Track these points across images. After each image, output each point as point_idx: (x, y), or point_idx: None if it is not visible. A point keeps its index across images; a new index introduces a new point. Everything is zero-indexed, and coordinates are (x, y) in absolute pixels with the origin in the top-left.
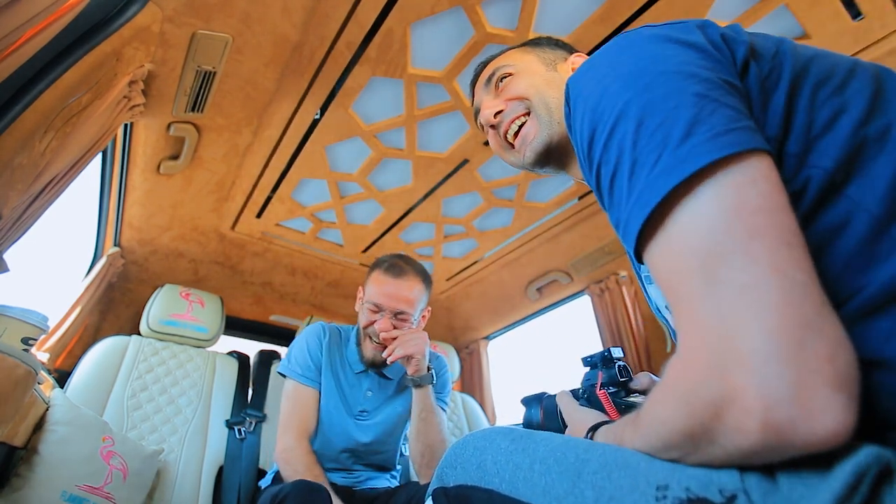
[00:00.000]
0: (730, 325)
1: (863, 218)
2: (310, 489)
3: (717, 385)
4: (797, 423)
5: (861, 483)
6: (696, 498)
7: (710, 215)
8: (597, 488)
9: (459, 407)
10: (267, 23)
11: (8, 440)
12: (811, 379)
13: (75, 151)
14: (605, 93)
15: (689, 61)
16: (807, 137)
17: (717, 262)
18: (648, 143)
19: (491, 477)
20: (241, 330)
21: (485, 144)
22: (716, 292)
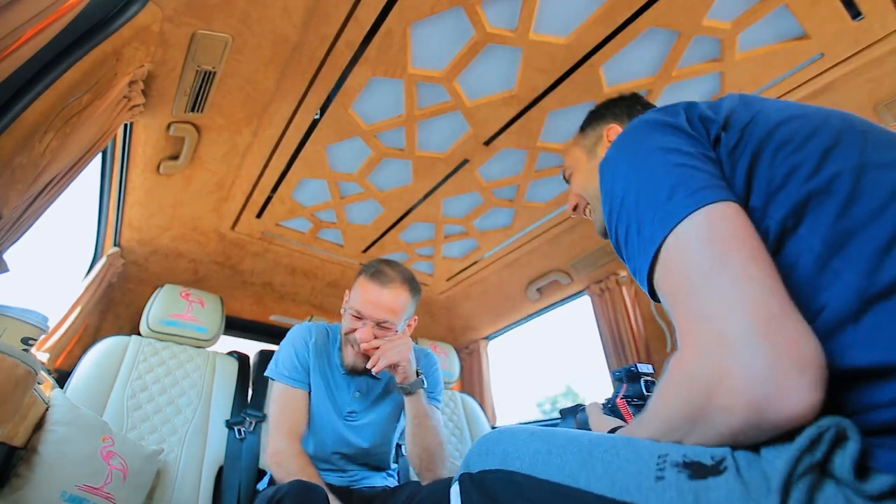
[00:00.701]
0: (716, 320)
1: (809, 255)
2: (307, 489)
3: (709, 367)
4: (772, 399)
5: (821, 441)
6: (690, 462)
7: (693, 247)
8: (605, 462)
9: (459, 407)
10: (267, 23)
11: (8, 440)
12: (781, 360)
13: (75, 151)
14: (615, 176)
15: (672, 141)
16: (766, 192)
17: (702, 277)
18: (645, 207)
19: (513, 461)
20: (241, 330)
21: (485, 144)
22: (703, 298)
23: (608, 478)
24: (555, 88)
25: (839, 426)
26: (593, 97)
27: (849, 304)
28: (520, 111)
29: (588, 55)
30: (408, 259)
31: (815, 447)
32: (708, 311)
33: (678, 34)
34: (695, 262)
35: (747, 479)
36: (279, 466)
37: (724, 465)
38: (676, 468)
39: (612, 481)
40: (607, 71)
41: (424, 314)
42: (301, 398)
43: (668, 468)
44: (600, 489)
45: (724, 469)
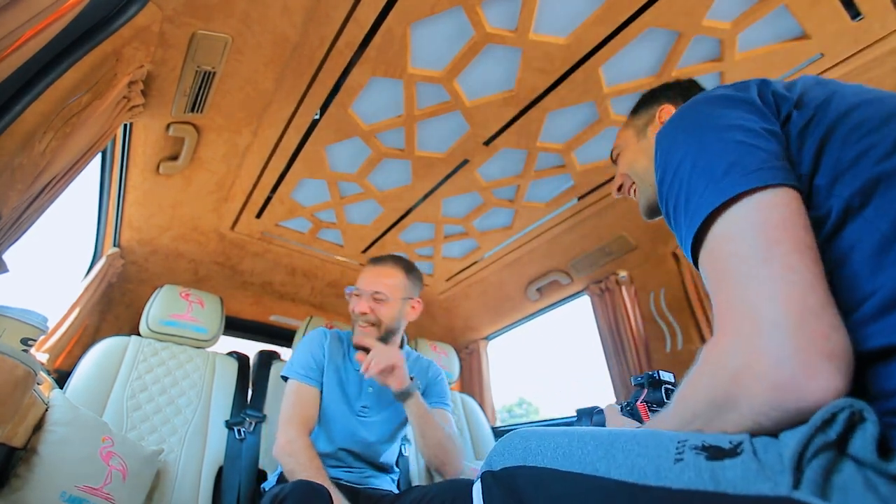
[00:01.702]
0: (752, 308)
1: (873, 236)
2: (311, 489)
3: (739, 353)
4: (796, 381)
5: (834, 421)
6: (709, 445)
7: (740, 231)
8: (626, 451)
9: (459, 407)
10: (267, 23)
11: (7, 441)
12: (809, 348)
13: (75, 152)
14: (672, 145)
15: (737, 116)
16: (834, 171)
17: (745, 264)
18: (699, 180)
19: (534, 456)
20: (240, 330)
21: (485, 144)
22: (743, 285)
23: (628, 464)
24: (554, 88)
25: (853, 407)
26: (593, 97)
27: None
28: (519, 111)
29: (588, 55)
30: None
31: (827, 427)
32: (746, 298)
33: (678, 34)
34: (739, 248)
35: (763, 460)
36: (290, 456)
37: (741, 447)
38: (695, 451)
39: (632, 467)
40: (607, 71)
41: (424, 314)
42: (313, 395)
43: (686, 451)
44: (620, 475)
45: (741, 451)
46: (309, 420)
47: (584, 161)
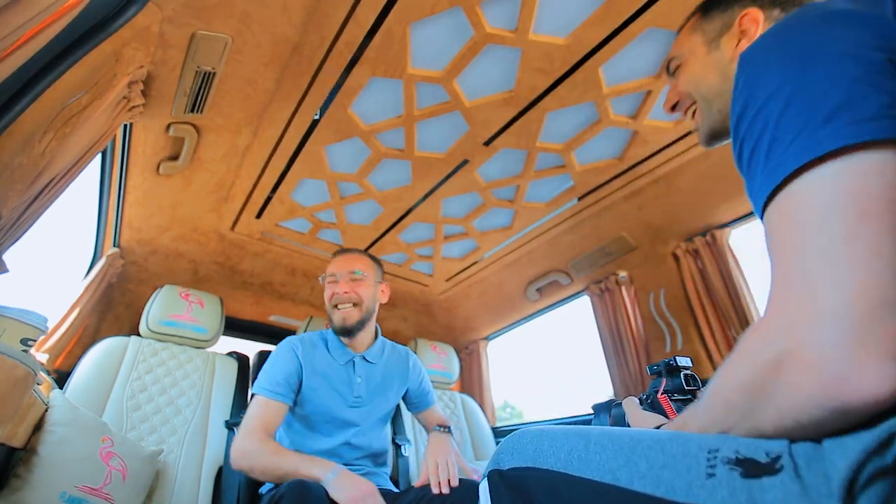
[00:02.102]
0: (814, 290)
1: None
2: (305, 487)
3: (784, 339)
4: (846, 377)
5: (892, 443)
6: (744, 458)
7: (828, 193)
8: (650, 459)
9: (459, 407)
10: (267, 23)
11: (7, 441)
12: (871, 345)
13: (75, 152)
14: (765, 70)
15: (857, 42)
16: None
17: (821, 237)
18: (791, 122)
19: (546, 458)
20: (240, 330)
21: (484, 145)
22: (811, 261)
23: (653, 475)
24: (554, 89)
25: None
26: (593, 97)
27: None
28: (519, 111)
29: (588, 55)
30: (407, 259)
31: (884, 450)
32: (810, 278)
33: (678, 34)
34: (820, 216)
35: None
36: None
37: (780, 462)
38: (728, 465)
39: (657, 479)
40: (607, 71)
41: (424, 314)
42: (277, 409)
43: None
44: (644, 487)
45: (780, 468)
46: (266, 426)
47: (583, 161)
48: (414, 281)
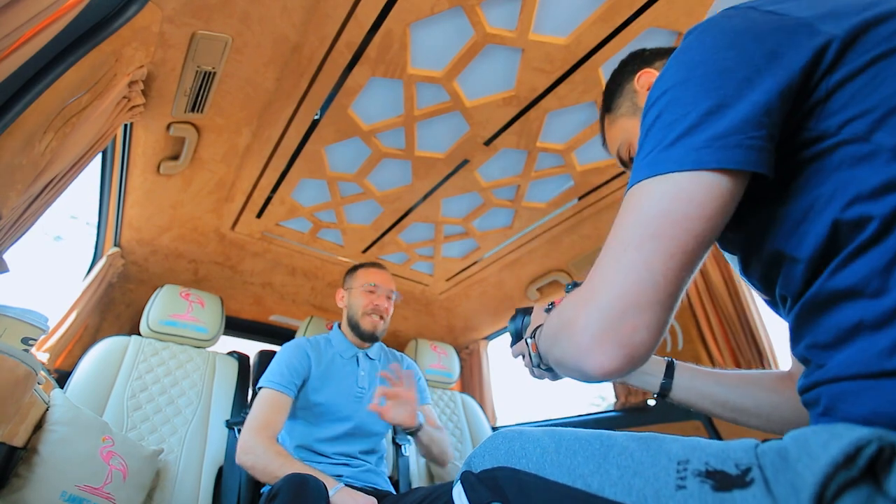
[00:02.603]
0: (601, 281)
1: None
2: (301, 480)
3: (576, 309)
4: (588, 351)
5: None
6: (714, 470)
7: (644, 207)
8: (621, 467)
9: (459, 407)
10: (267, 23)
11: (8, 440)
12: (611, 333)
13: (75, 152)
14: (664, 74)
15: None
16: None
17: (624, 239)
18: (655, 135)
19: (518, 459)
20: (241, 330)
21: (485, 145)
22: (609, 256)
23: (624, 483)
24: (555, 89)
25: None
26: (593, 97)
27: None
28: (520, 111)
29: (588, 55)
30: (408, 259)
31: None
32: (604, 271)
33: (678, 34)
34: (631, 223)
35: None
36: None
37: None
38: (699, 478)
39: (628, 487)
40: (607, 71)
41: (424, 314)
42: (281, 402)
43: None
44: (615, 495)
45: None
46: (272, 425)
47: (584, 161)
48: (414, 281)
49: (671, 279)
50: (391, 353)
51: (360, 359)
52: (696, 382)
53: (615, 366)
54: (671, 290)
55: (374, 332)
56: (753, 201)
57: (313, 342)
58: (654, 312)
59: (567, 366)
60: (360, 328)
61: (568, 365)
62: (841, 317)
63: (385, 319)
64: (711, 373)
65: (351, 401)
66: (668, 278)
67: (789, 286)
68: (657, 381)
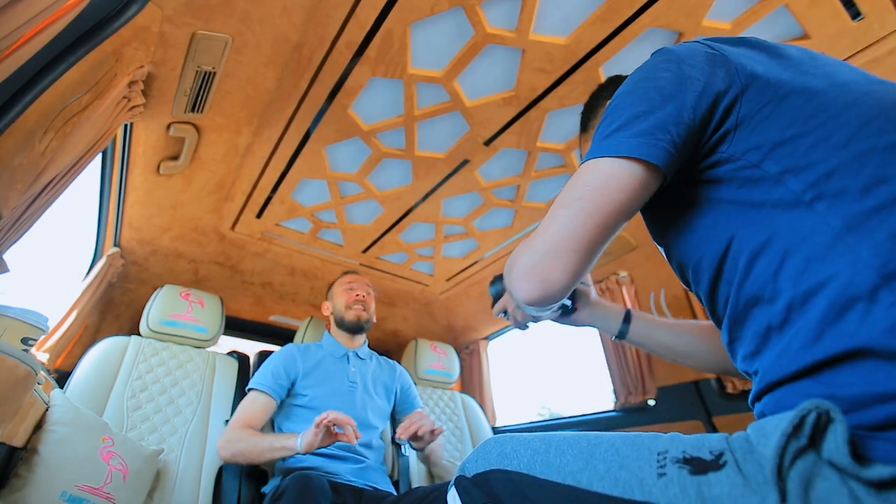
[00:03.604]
0: (539, 232)
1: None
2: (308, 479)
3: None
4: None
5: (803, 424)
6: (690, 457)
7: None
8: (607, 462)
9: (459, 407)
10: (267, 23)
11: (7, 440)
12: (535, 270)
13: (75, 152)
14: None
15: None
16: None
17: (563, 199)
18: (599, 130)
19: (510, 461)
20: (240, 330)
21: (485, 145)
22: (552, 212)
23: (611, 476)
24: (555, 89)
25: (820, 408)
26: None
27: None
28: (520, 111)
29: (588, 55)
30: (408, 259)
31: (798, 431)
32: (546, 223)
33: (678, 34)
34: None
35: (746, 472)
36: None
37: (723, 458)
38: (677, 464)
39: (615, 479)
40: (607, 71)
41: (424, 314)
42: (263, 403)
43: (668, 464)
44: (603, 488)
45: (723, 463)
46: (252, 423)
47: None
48: (414, 281)
49: (588, 231)
50: (384, 359)
51: (349, 357)
52: (648, 329)
53: (534, 296)
54: (587, 241)
55: (359, 321)
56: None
57: (303, 347)
58: (570, 258)
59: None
60: (346, 321)
61: (511, 294)
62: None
63: (368, 311)
64: (661, 322)
65: (343, 393)
66: (586, 230)
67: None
68: (617, 326)
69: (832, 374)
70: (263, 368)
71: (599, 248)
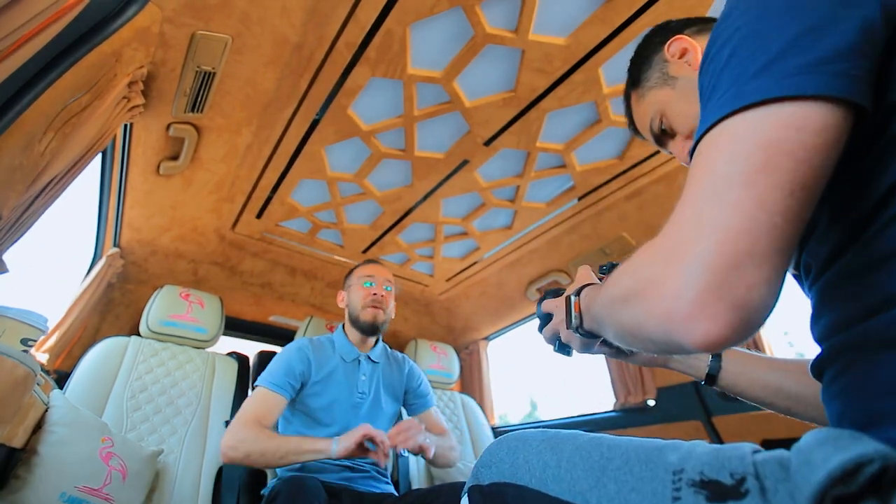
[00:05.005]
0: (696, 227)
1: None
2: (302, 483)
3: (659, 265)
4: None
5: (860, 472)
6: (708, 480)
7: (740, 141)
8: (619, 482)
9: (459, 407)
10: (266, 23)
11: (7, 441)
12: (721, 291)
13: (75, 152)
14: (725, 19)
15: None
16: None
17: (722, 179)
18: (730, 73)
19: (522, 474)
20: (240, 331)
21: (484, 145)
22: (705, 199)
23: (621, 498)
24: (554, 89)
25: (888, 459)
26: (593, 98)
27: None
28: (519, 112)
29: (588, 56)
30: (408, 259)
31: (850, 479)
32: (698, 215)
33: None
34: (725, 160)
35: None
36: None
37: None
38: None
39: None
40: (607, 71)
41: (424, 314)
42: (275, 401)
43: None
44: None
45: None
46: (263, 420)
47: (583, 161)
48: (414, 281)
49: (792, 221)
50: (394, 355)
51: (361, 362)
52: (746, 367)
53: (728, 333)
54: (791, 234)
55: (375, 322)
56: None
57: (316, 343)
58: (774, 264)
59: (644, 336)
60: (361, 321)
61: (648, 335)
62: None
63: (385, 311)
64: (763, 358)
65: (351, 406)
66: (788, 219)
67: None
68: (703, 365)
69: None
70: (276, 365)
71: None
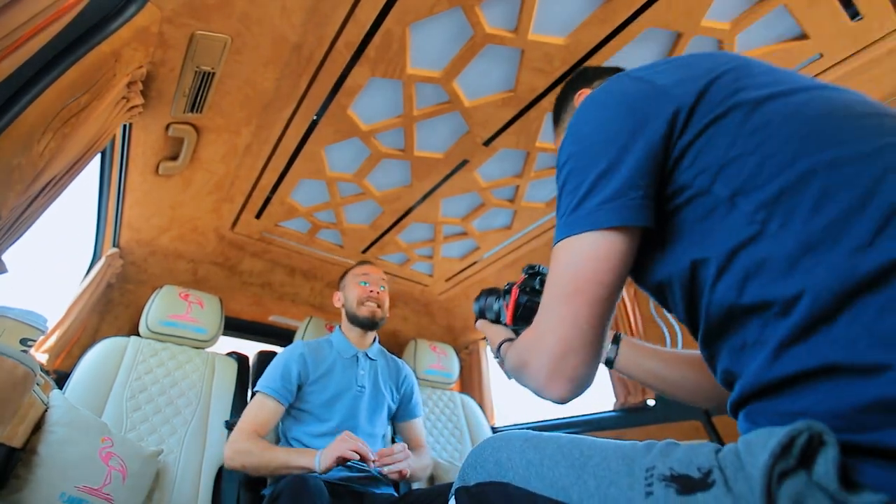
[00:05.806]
0: (545, 328)
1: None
2: (304, 482)
3: (530, 349)
4: (545, 384)
5: (793, 446)
6: (678, 475)
7: (565, 263)
8: (598, 477)
9: (459, 407)
10: (266, 23)
11: (6, 441)
12: (559, 371)
13: (74, 152)
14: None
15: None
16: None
17: (556, 293)
18: (564, 201)
19: (506, 472)
20: (240, 331)
21: (484, 145)
22: (549, 307)
23: (601, 493)
24: (554, 89)
25: (812, 429)
26: None
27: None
28: (519, 111)
29: (587, 55)
30: (407, 259)
31: (787, 452)
32: (546, 319)
33: (678, 34)
34: (556, 279)
35: (735, 490)
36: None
37: (711, 476)
38: (664, 482)
39: (605, 497)
40: None
41: (424, 314)
42: (272, 407)
43: (655, 482)
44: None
45: (712, 483)
46: (261, 430)
47: None
48: (414, 281)
49: (594, 324)
50: (392, 358)
51: (359, 358)
52: (637, 356)
53: (567, 394)
54: (596, 332)
55: (373, 318)
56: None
57: (313, 345)
58: (587, 351)
59: (533, 392)
60: (359, 318)
61: (533, 392)
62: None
63: (382, 308)
64: (651, 349)
65: (350, 400)
66: (591, 324)
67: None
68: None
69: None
70: (272, 369)
71: (608, 326)
